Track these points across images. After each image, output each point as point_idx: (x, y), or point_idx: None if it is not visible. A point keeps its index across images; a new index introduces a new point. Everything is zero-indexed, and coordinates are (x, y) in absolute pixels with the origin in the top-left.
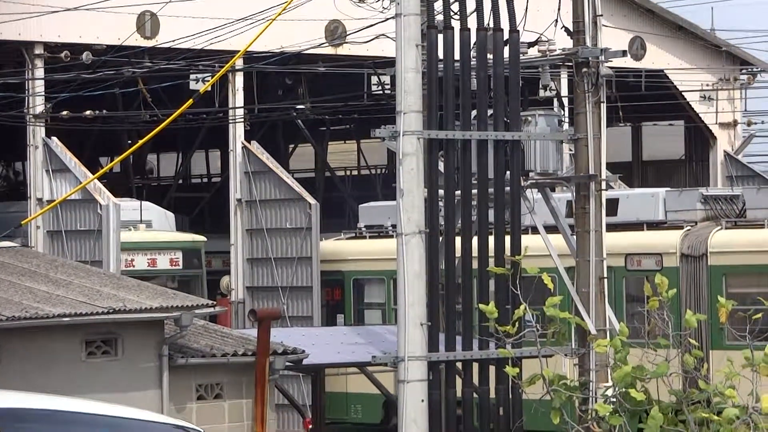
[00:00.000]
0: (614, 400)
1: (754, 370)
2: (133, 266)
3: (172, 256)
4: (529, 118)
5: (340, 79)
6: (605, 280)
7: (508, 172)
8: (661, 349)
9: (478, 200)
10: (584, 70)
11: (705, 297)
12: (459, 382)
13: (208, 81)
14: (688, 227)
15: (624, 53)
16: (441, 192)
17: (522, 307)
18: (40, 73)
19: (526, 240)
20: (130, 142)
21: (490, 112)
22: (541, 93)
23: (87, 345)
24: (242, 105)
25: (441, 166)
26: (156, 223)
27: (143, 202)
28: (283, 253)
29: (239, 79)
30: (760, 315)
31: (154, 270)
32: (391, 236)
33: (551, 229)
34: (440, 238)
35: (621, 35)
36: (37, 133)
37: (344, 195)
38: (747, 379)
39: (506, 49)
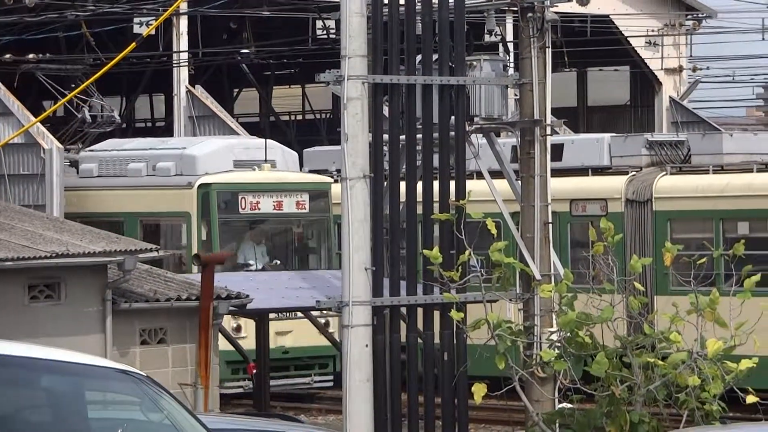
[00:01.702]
0: (559, 345)
1: (699, 315)
2: (258, 209)
3: (298, 198)
4: (474, 63)
5: (284, 23)
6: (550, 225)
7: (452, 117)
8: (605, 294)
9: (422, 145)
10: (529, 15)
11: (650, 242)
12: (403, 327)
13: (152, 24)
14: (633, 173)
15: None
16: (386, 137)
17: (467, 252)
18: None
19: (471, 185)
20: (73, 86)
21: (435, 57)
22: (486, 38)
23: (30, 289)
24: (186, 49)
25: (386, 111)
26: (279, 163)
27: (267, 140)
28: None
29: (183, 22)
30: (704, 260)
31: (280, 213)
32: (336, 181)
33: (496, 175)
34: (384, 183)
35: None
36: None
37: (289, 139)
38: (692, 325)
39: None
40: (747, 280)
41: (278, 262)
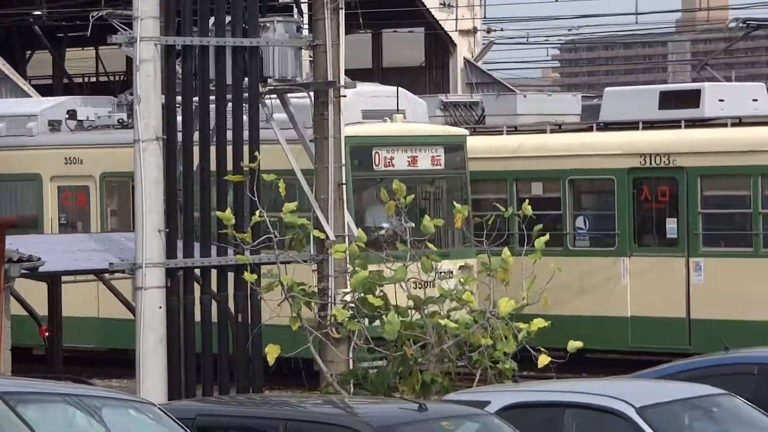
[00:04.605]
0: (353, 305)
1: (491, 275)
2: (393, 166)
3: (433, 153)
4: (268, 25)
5: None
6: (344, 187)
7: (246, 79)
8: (400, 254)
9: (216, 107)
10: None
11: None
12: (198, 289)
13: None
14: None
15: None
16: (179, 98)
17: (257, 212)
18: None
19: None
20: None
21: (228, 18)
22: None
23: None
24: None
25: (179, 72)
26: (409, 113)
27: (399, 88)
28: None
29: None
30: (492, 219)
31: (415, 170)
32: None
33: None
34: (178, 145)
35: None
36: None
37: None
38: (484, 284)
39: None
40: (537, 240)
41: (412, 225)
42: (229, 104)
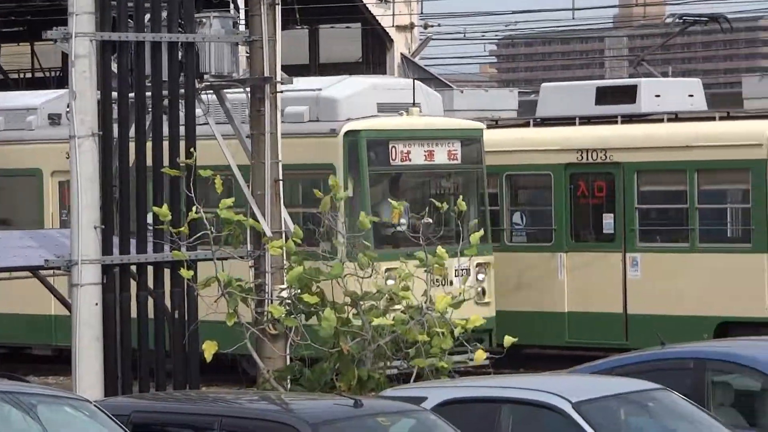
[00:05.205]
0: (289, 301)
1: (428, 271)
2: (409, 160)
3: (450, 147)
4: (204, 20)
5: None
6: (281, 183)
7: (183, 75)
8: (335, 251)
9: (152, 102)
10: None
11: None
12: (134, 285)
13: None
14: None
15: None
16: (115, 95)
17: (194, 208)
18: None
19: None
20: None
21: (164, 14)
22: None
23: None
24: None
25: (115, 68)
26: (424, 106)
27: (415, 81)
28: None
29: None
30: (423, 214)
31: (431, 165)
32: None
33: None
34: (114, 141)
35: None
36: None
37: None
38: (422, 280)
39: None
40: (472, 236)
41: (430, 220)
42: (166, 100)
